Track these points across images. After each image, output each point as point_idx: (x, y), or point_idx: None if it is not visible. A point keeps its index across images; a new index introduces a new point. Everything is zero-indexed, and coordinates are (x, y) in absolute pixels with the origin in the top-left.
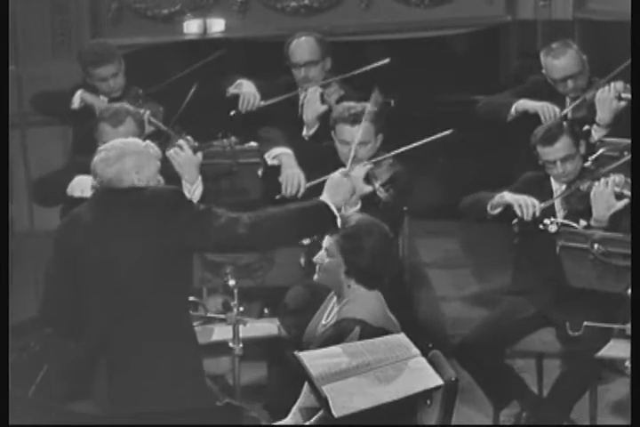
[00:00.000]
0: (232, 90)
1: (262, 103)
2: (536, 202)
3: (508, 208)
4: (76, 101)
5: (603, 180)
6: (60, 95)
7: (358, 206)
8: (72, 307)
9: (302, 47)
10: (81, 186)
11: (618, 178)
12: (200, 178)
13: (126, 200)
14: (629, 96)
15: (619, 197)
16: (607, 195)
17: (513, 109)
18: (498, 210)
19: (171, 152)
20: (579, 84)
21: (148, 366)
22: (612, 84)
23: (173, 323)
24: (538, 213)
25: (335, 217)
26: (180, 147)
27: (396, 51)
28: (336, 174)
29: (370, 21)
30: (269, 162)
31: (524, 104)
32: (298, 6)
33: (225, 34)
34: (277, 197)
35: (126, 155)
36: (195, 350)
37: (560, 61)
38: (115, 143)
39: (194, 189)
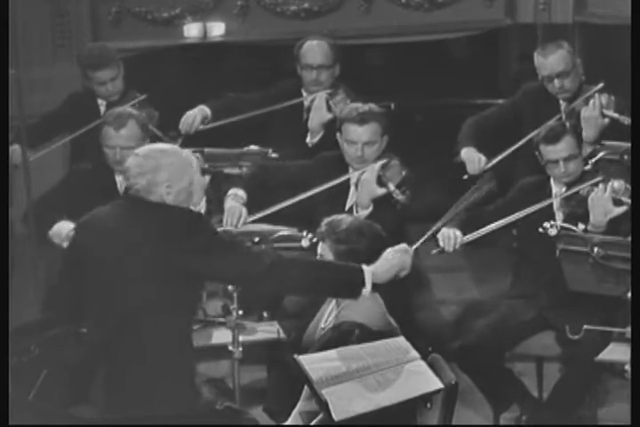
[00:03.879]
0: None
1: (201, 127)
2: (459, 234)
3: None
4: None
5: (601, 185)
6: None
7: (370, 209)
8: (76, 296)
9: (316, 50)
10: (60, 235)
11: (617, 184)
12: (205, 199)
13: (149, 214)
14: (612, 114)
15: (617, 203)
16: (605, 200)
17: (459, 153)
18: None
19: None
20: (566, 83)
21: (146, 370)
22: (597, 101)
23: (173, 331)
24: (458, 246)
25: (361, 289)
26: None
27: (396, 54)
28: (400, 252)
29: (370, 25)
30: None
31: (464, 154)
32: (298, 10)
33: (225, 37)
34: (220, 229)
35: (161, 168)
36: (190, 356)
37: (548, 59)
38: (153, 151)
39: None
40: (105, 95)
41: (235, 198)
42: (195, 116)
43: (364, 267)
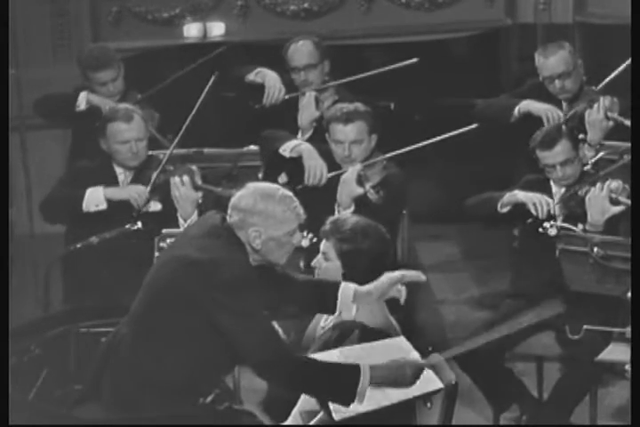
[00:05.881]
0: (252, 77)
1: (286, 97)
2: (550, 200)
3: (516, 207)
4: (81, 103)
5: (598, 184)
6: (63, 98)
7: (352, 209)
8: None
9: (301, 51)
10: (95, 199)
11: (615, 183)
12: (195, 214)
13: (221, 246)
14: (617, 117)
15: (615, 202)
16: (602, 199)
17: (516, 111)
18: (507, 208)
19: (174, 181)
20: (567, 84)
21: (151, 369)
22: (602, 104)
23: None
24: (552, 211)
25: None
26: (182, 182)
27: (396, 54)
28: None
29: (370, 25)
30: (288, 154)
31: (528, 105)
32: (298, 10)
33: (225, 37)
34: (299, 187)
35: (255, 211)
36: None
37: (549, 60)
38: (258, 191)
39: (186, 225)
40: (105, 96)
41: (309, 150)
42: (280, 89)
43: (362, 366)
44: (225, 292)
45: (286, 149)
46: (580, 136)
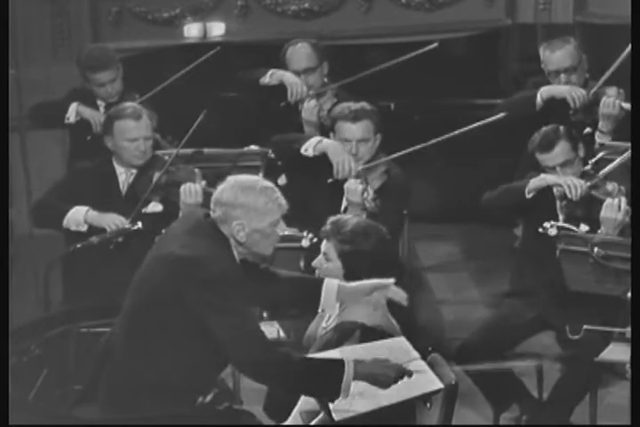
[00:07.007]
0: (267, 79)
1: (311, 92)
2: (582, 181)
3: (540, 192)
4: (71, 115)
5: (614, 201)
6: (55, 108)
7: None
8: None
9: (299, 54)
10: (76, 220)
11: (611, 186)
12: None
13: (206, 242)
14: (628, 106)
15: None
16: (615, 214)
17: (539, 98)
18: (533, 194)
19: (184, 189)
20: (572, 79)
21: (145, 369)
22: (612, 93)
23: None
24: (583, 193)
25: (340, 387)
26: (196, 190)
27: (396, 54)
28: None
29: (370, 25)
30: (311, 153)
31: (550, 90)
32: (298, 10)
33: (225, 37)
34: (329, 180)
35: (237, 204)
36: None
37: (555, 54)
38: (238, 184)
39: None
40: (104, 96)
41: (335, 146)
42: (302, 84)
43: (346, 361)
44: (209, 289)
45: (308, 149)
46: (587, 130)
